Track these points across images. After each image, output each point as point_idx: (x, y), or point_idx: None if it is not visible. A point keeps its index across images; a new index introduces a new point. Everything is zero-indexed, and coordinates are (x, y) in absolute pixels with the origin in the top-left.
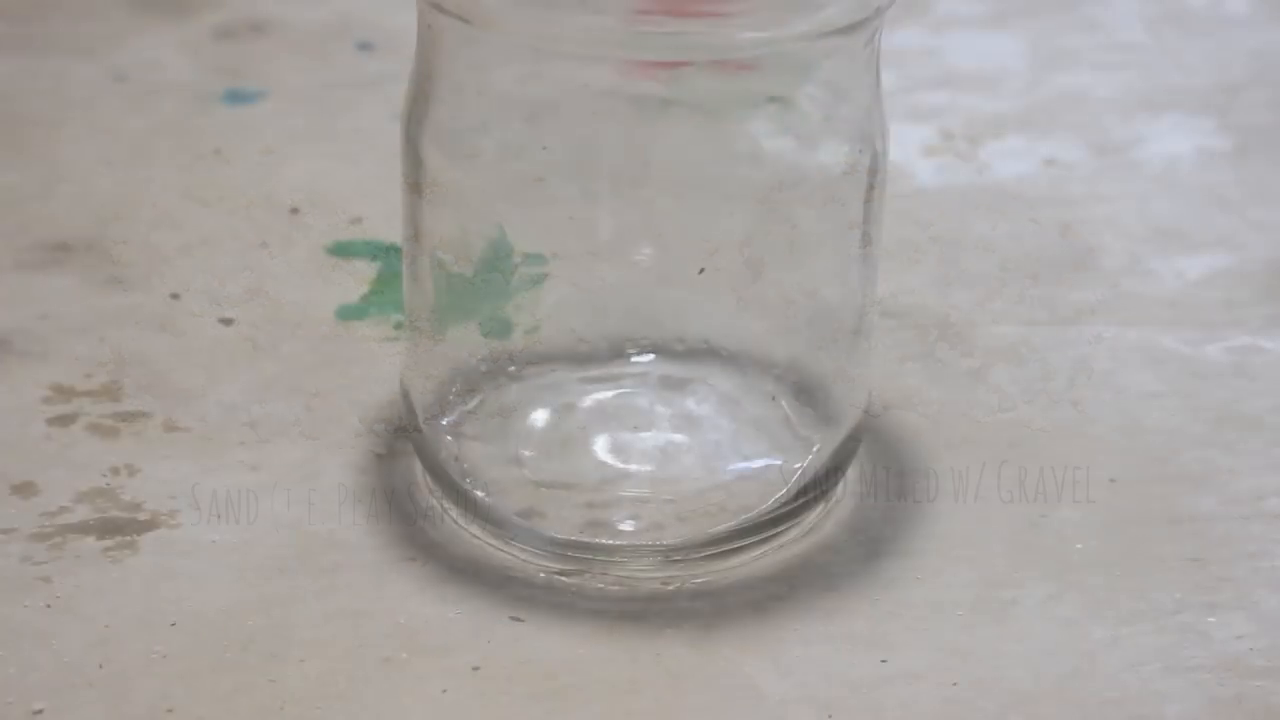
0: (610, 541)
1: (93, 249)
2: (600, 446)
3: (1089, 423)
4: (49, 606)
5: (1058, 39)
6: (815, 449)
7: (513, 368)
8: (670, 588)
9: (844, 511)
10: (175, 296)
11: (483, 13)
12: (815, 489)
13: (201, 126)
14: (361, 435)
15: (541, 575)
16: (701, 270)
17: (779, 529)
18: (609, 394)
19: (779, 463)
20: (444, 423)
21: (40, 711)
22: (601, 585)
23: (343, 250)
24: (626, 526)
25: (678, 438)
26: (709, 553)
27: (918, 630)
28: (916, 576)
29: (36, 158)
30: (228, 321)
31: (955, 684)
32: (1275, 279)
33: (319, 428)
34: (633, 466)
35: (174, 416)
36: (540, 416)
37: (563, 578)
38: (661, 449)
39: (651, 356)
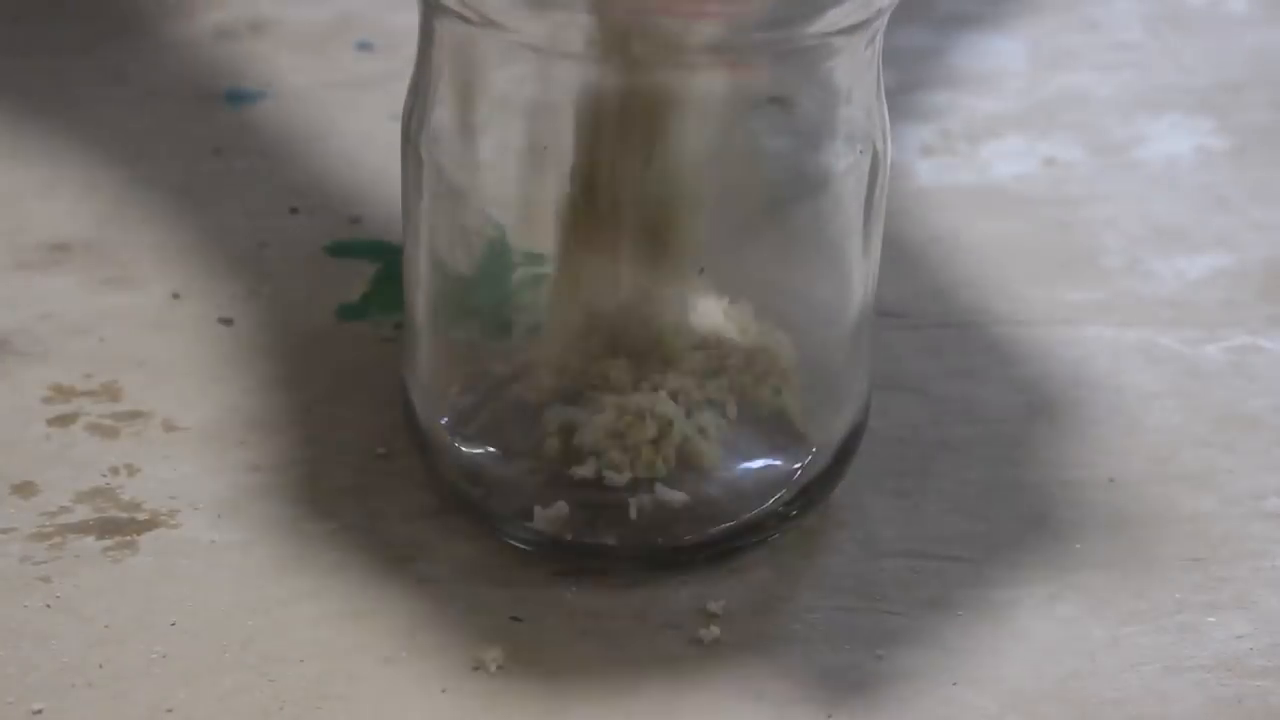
0: (610, 541)
1: (93, 249)
2: (601, 446)
3: (1089, 423)
4: (49, 606)
5: (1058, 39)
6: (815, 449)
7: (513, 368)
8: (671, 587)
9: (842, 511)
10: (175, 296)
11: (483, 12)
12: (815, 489)
13: (201, 126)
14: (362, 436)
15: (541, 575)
16: (701, 270)
17: (778, 529)
18: (609, 393)
19: (779, 463)
20: (444, 422)
21: (40, 711)
22: (601, 585)
23: (343, 250)
24: (626, 526)
25: (678, 438)
26: (709, 553)
27: (918, 630)
28: (916, 576)
29: (36, 158)
30: (228, 321)
31: (955, 684)
32: (1275, 279)
33: (319, 427)
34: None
35: (174, 416)
36: (540, 416)
37: (563, 578)
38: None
39: None
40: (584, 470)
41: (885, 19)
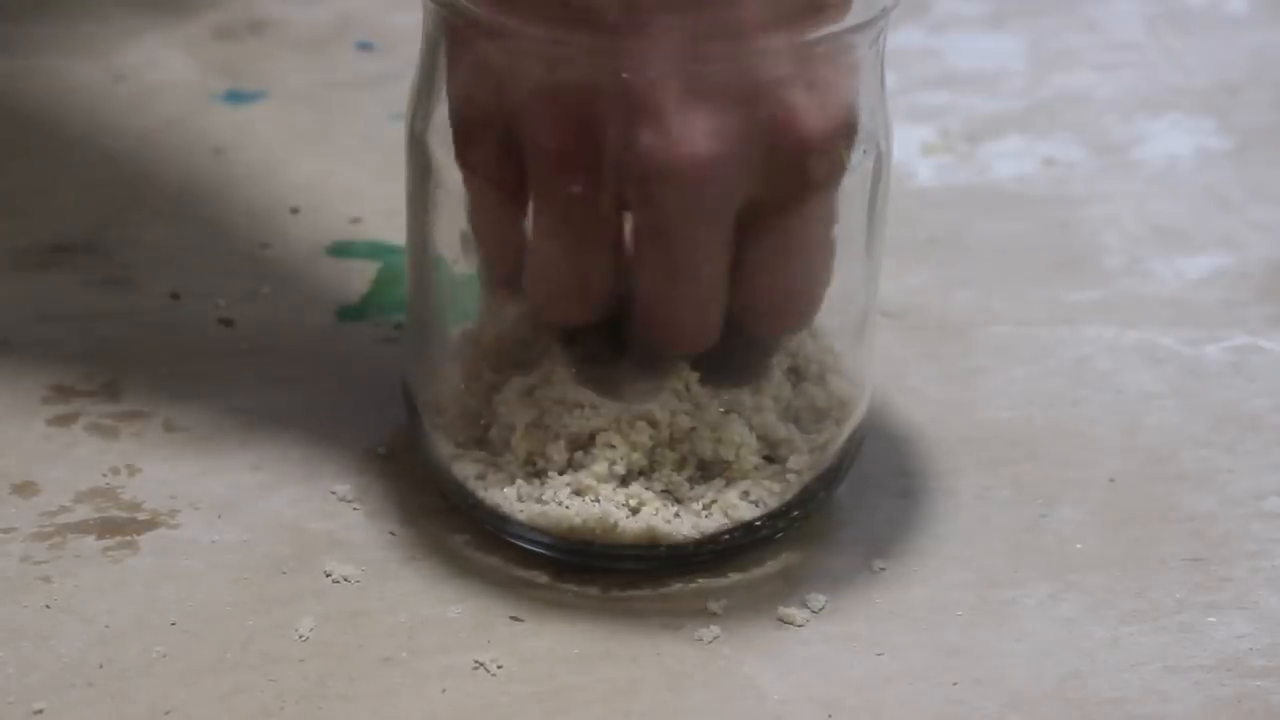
0: (610, 541)
1: (93, 249)
2: (602, 446)
3: (1089, 423)
4: (49, 606)
5: (1058, 39)
6: (815, 449)
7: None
8: (671, 588)
9: (844, 511)
10: (175, 296)
11: (487, 14)
12: (815, 489)
13: (201, 126)
14: (362, 436)
15: (541, 575)
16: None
17: (779, 529)
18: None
19: (779, 463)
20: (444, 422)
21: (40, 711)
22: (601, 585)
23: (343, 250)
24: (627, 526)
25: (678, 437)
26: (709, 553)
27: (918, 630)
28: (917, 576)
29: (36, 158)
30: (228, 322)
31: (955, 684)
32: (1275, 279)
33: (319, 427)
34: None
35: (174, 416)
36: (541, 416)
37: (563, 578)
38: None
39: None
40: (586, 470)
41: (888, 19)
